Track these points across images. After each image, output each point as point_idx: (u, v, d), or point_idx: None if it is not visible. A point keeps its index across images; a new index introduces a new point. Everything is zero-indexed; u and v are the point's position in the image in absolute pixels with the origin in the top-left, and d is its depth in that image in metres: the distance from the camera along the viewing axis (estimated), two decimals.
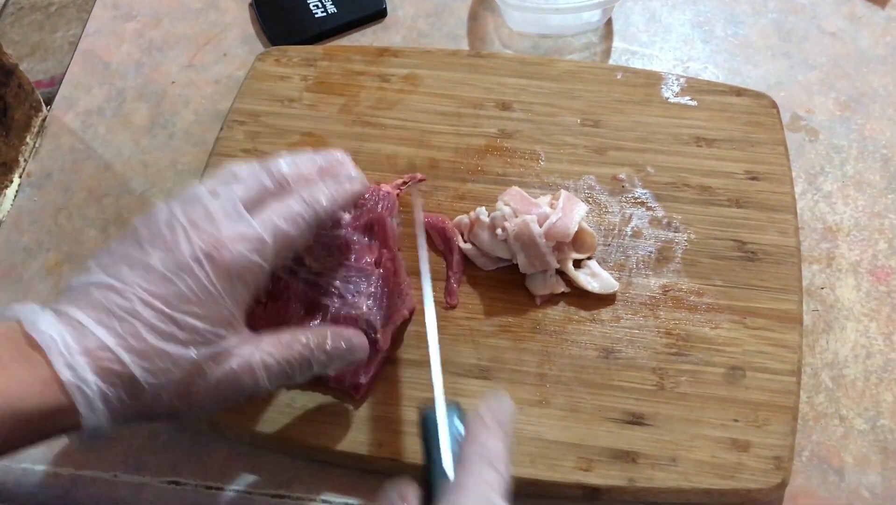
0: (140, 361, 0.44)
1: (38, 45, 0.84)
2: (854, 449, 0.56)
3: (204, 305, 0.46)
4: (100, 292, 0.45)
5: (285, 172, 0.52)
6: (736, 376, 0.56)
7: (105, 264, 0.47)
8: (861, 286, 0.62)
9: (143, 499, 0.57)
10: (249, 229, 0.48)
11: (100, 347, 0.44)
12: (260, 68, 0.72)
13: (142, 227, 0.48)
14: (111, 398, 0.44)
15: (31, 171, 0.72)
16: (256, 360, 0.48)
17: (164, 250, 0.46)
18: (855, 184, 0.67)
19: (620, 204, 0.63)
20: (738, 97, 0.68)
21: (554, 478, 0.53)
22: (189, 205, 0.48)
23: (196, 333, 0.46)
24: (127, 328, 0.44)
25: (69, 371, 0.43)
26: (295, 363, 0.50)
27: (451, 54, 0.72)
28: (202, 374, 0.46)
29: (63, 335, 0.43)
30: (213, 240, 0.47)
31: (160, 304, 0.45)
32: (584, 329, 0.58)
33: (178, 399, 0.46)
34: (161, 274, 0.46)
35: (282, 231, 0.49)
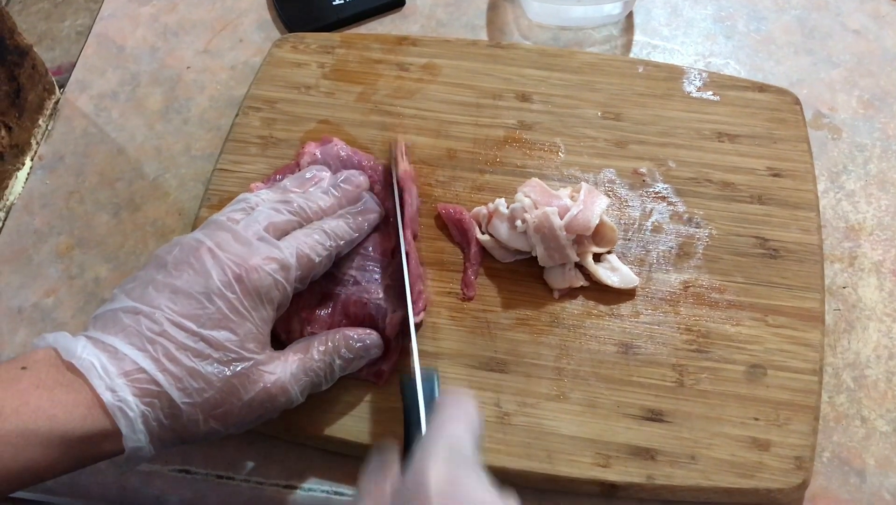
0: (175, 381, 0.45)
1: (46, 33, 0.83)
2: (876, 451, 0.55)
3: (234, 324, 0.47)
4: (129, 317, 0.46)
5: (305, 207, 0.55)
6: (757, 374, 0.55)
7: (130, 290, 0.48)
8: (884, 286, 0.61)
9: (152, 487, 0.56)
10: (276, 252, 0.50)
11: (136, 369, 0.45)
12: (277, 55, 0.71)
13: (165, 254, 0.50)
14: (150, 419, 0.45)
15: (44, 154, 0.72)
16: (287, 375, 0.49)
17: (192, 273, 0.48)
18: (878, 183, 0.66)
19: (641, 198, 0.62)
20: (761, 93, 0.67)
21: (571, 474, 0.52)
22: (213, 231, 0.50)
23: (227, 352, 0.47)
24: (160, 350, 0.45)
25: (110, 393, 0.44)
26: (321, 372, 0.51)
27: (470, 44, 0.71)
28: (236, 392, 0.47)
29: (101, 359, 0.45)
30: (241, 261, 0.48)
31: (190, 324, 0.46)
32: (602, 324, 0.57)
33: (213, 419, 0.47)
34: (189, 295, 0.47)
35: (306, 256, 0.51)
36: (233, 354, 0.47)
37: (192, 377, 0.45)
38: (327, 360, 0.51)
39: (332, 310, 0.56)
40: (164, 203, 0.68)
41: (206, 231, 0.50)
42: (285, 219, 0.53)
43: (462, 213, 0.61)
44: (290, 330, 0.55)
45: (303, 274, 0.51)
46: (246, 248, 0.49)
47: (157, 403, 0.45)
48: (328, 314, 0.55)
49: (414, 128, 0.67)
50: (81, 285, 0.65)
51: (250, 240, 0.50)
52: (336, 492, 0.55)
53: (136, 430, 0.44)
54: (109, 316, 0.47)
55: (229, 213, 0.53)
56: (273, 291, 0.49)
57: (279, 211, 0.53)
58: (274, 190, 0.57)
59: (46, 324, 0.63)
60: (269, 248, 0.50)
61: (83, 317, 0.63)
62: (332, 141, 0.63)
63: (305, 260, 0.51)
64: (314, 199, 0.56)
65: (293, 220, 0.53)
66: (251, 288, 0.48)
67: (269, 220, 0.52)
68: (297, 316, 0.55)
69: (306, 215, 0.54)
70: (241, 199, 0.54)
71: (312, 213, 0.55)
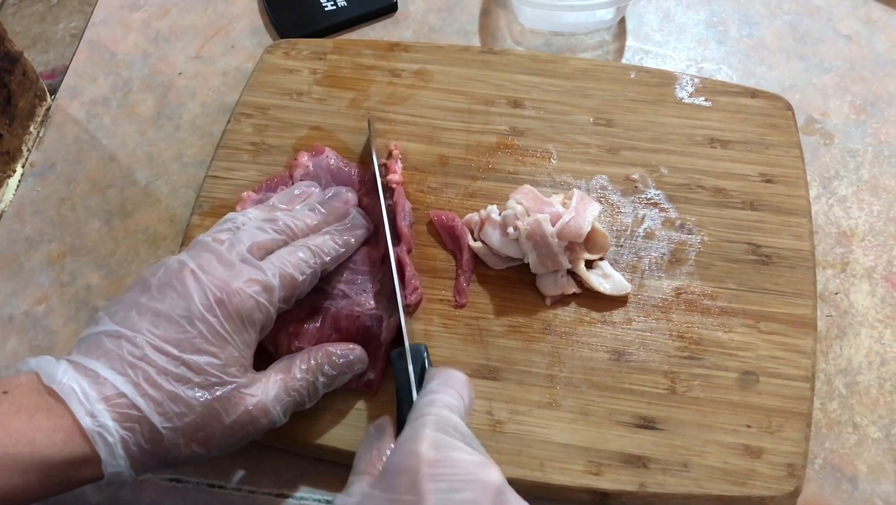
0: (155, 406, 0.45)
1: (40, 36, 0.83)
2: (868, 457, 0.55)
3: (216, 347, 0.47)
4: (111, 341, 0.47)
5: (290, 224, 0.54)
6: (749, 381, 0.55)
7: (114, 313, 0.48)
8: (876, 292, 0.61)
9: (144, 497, 0.56)
10: (258, 274, 0.50)
11: (117, 394, 0.45)
12: (269, 61, 0.71)
13: (150, 276, 0.49)
14: (130, 444, 0.45)
15: (35, 160, 0.71)
16: (270, 397, 0.49)
17: (175, 296, 0.48)
18: (870, 188, 0.66)
19: (633, 204, 0.62)
20: (753, 99, 0.67)
21: (563, 482, 0.52)
22: (197, 252, 0.50)
23: (209, 376, 0.47)
24: (140, 375, 0.45)
25: (90, 419, 0.44)
26: (304, 391, 0.51)
27: (462, 50, 0.71)
28: (218, 416, 0.47)
29: (81, 384, 0.45)
30: (223, 284, 0.48)
31: (171, 348, 0.46)
32: (595, 331, 0.57)
33: (195, 443, 0.47)
34: (171, 319, 0.47)
35: (289, 276, 0.51)
36: (214, 379, 0.47)
37: (172, 402, 0.45)
38: (310, 378, 0.51)
39: (322, 324, 0.56)
40: (155, 210, 0.68)
41: (190, 252, 0.50)
42: (269, 238, 0.53)
43: (454, 220, 0.61)
44: (278, 344, 0.55)
45: (287, 294, 0.51)
46: (228, 271, 0.49)
47: (137, 427, 0.45)
48: (317, 328, 0.55)
49: (406, 134, 0.66)
50: (73, 293, 0.64)
51: (233, 262, 0.50)
52: (328, 501, 0.55)
53: (116, 455, 0.44)
54: (93, 340, 0.47)
55: (215, 233, 0.53)
56: (255, 314, 0.49)
57: (264, 230, 0.53)
58: (261, 208, 0.57)
59: (38, 332, 0.63)
60: (252, 269, 0.50)
61: (75, 325, 0.63)
62: (323, 151, 0.63)
63: (289, 280, 0.51)
64: (301, 216, 0.55)
65: (278, 238, 0.53)
66: (233, 311, 0.48)
67: (253, 239, 0.52)
68: (285, 330, 0.54)
69: (292, 233, 0.54)
70: (227, 220, 0.54)
71: (298, 230, 0.54)
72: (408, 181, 0.64)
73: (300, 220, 0.55)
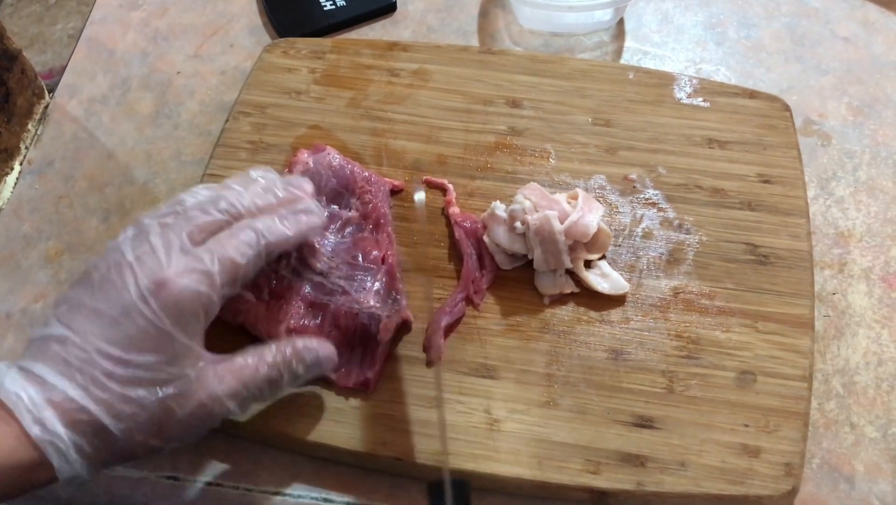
0: (106, 407, 0.44)
1: (37, 37, 0.83)
2: (865, 457, 0.55)
3: (157, 342, 0.46)
4: (58, 345, 0.46)
5: (236, 203, 0.51)
6: (747, 381, 0.55)
7: (61, 314, 0.47)
8: (873, 293, 0.61)
9: (140, 494, 0.56)
10: (195, 262, 0.47)
11: (65, 399, 0.44)
12: (267, 60, 0.71)
13: (94, 271, 0.48)
14: (84, 447, 0.44)
15: (33, 158, 0.71)
16: (224, 389, 0.48)
17: (115, 293, 0.46)
18: (868, 189, 0.66)
19: (631, 204, 0.62)
20: (751, 100, 0.67)
21: (561, 481, 0.52)
22: (136, 241, 0.48)
23: (157, 373, 0.45)
24: (88, 378, 0.44)
25: (38, 427, 0.43)
26: (263, 384, 0.49)
27: (461, 50, 0.71)
28: (171, 411, 0.46)
29: (28, 392, 0.44)
30: (156, 276, 0.46)
31: (115, 349, 0.45)
32: (593, 330, 0.57)
33: (151, 437, 0.46)
34: (111, 318, 0.46)
35: (229, 261, 0.48)
36: (162, 375, 0.45)
37: (123, 402, 0.44)
38: (273, 374, 0.49)
39: (322, 321, 0.56)
40: (153, 208, 0.67)
41: (131, 241, 0.48)
42: (211, 219, 0.49)
43: (477, 223, 0.61)
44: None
45: (228, 279, 0.48)
46: (165, 261, 0.47)
47: (89, 431, 0.44)
48: (317, 325, 0.55)
49: (404, 133, 0.66)
50: None
51: (171, 249, 0.47)
52: (325, 499, 0.55)
53: (70, 459, 0.44)
54: (40, 344, 0.46)
55: (160, 216, 0.50)
56: (194, 305, 0.47)
57: (206, 211, 0.50)
58: (210, 188, 0.53)
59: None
60: (188, 258, 0.47)
61: None
62: (324, 149, 0.63)
63: (229, 264, 0.48)
64: (248, 196, 0.52)
65: (220, 219, 0.50)
66: (170, 305, 0.46)
67: (193, 223, 0.49)
68: (286, 326, 0.54)
69: (236, 212, 0.50)
70: (175, 202, 0.51)
71: (245, 209, 0.51)
72: (407, 180, 0.64)
73: (246, 198, 0.51)
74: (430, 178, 0.64)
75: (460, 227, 0.60)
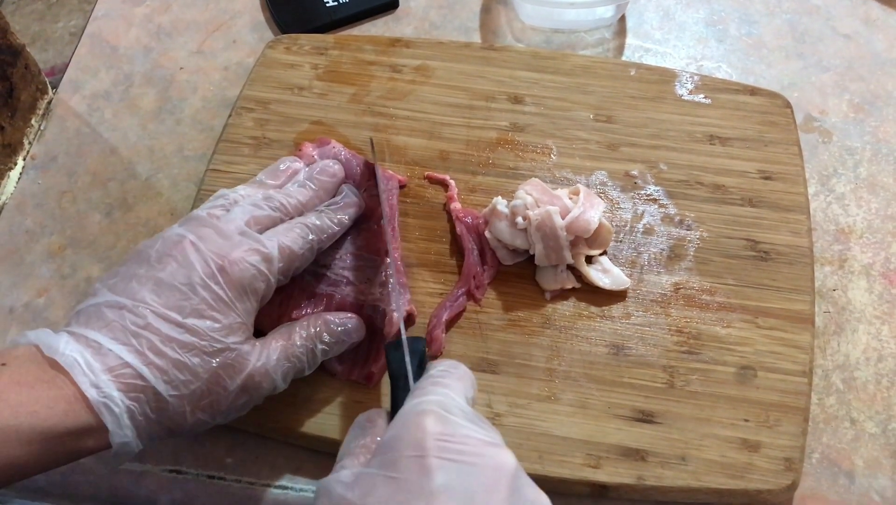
0: (161, 374, 0.45)
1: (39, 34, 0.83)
2: (865, 452, 0.55)
3: (218, 314, 0.47)
4: (112, 312, 0.46)
5: (285, 202, 0.55)
6: (747, 376, 0.55)
7: (113, 285, 0.48)
8: (873, 289, 0.61)
9: (143, 487, 0.56)
10: (258, 245, 0.50)
11: (120, 364, 0.45)
12: (270, 56, 0.71)
13: (148, 248, 0.49)
14: (136, 414, 0.45)
15: (36, 153, 0.71)
16: (271, 363, 0.49)
17: (175, 266, 0.48)
18: (868, 186, 0.66)
19: (633, 200, 0.63)
20: (753, 96, 0.68)
21: (562, 474, 0.52)
22: (195, 226, 0.50)
23: (212, 342, 0.47)
24: (144, 343, 0.45)
25: (95, 390, 0.44)
26: (303, 357, 0.51)
27: (463, 46, 0.71)
28: (222, 382, 0.47)
29: (84, 355, 0.45)
30: (224, 253, 0.49)
31: (174, 314, 0.46)
32: (594, 325, 0.58)
33: (200, 410, 0.47)
34: (173, 287, 0.47)
35: (288, 248, 0.52)
36: (218, 344, 0.47)
37: (177, 369, 0.45)
38: (309, 345, 0.51)
39: (325, 310, 0.56)
40: (156, 203, 0.68)
41: (187, 226, 0.50)
42: (266, 214, 0.53)
43: (479, 218, 0.61)
44: None
45: (285, 266, 0.52)
46: (228, 242, 0.49)
47: (142, 397, 0.45)
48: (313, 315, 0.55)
49: (406, 129, 0.67)
50: (73, 285, 0.64)
51: (232, 234, 0.50)
52: None
53: (123, 425, 0.44)
54: (92, 311, 0.47)
55: (209, 208, 0.53)
56: (256, 282, 0.49)
57: (260, 207, 0.53)
58: (251, 185, 0.57)
59: (38, 323, 0.63)
60: (251, 241, 0.50)
61: None
62: (329, 143, 0.63)
63: (288, 252, 0.52)
64: (293, 194, 0.56)
65: (274, 215, 0.54)
66: (235, 280, 0.48)
67: (250, 214, 0.52)
68: (287, 316, 0.55)
69: (287, 211, 0.55)
70: (219, 196, 0.55)
71: (293, 208, 0.55)
72: (408, 175, 0.64)
73: (293, 196, 0.56)
74: (431, 173, 0.64)
75: (462, 222, 0.61)
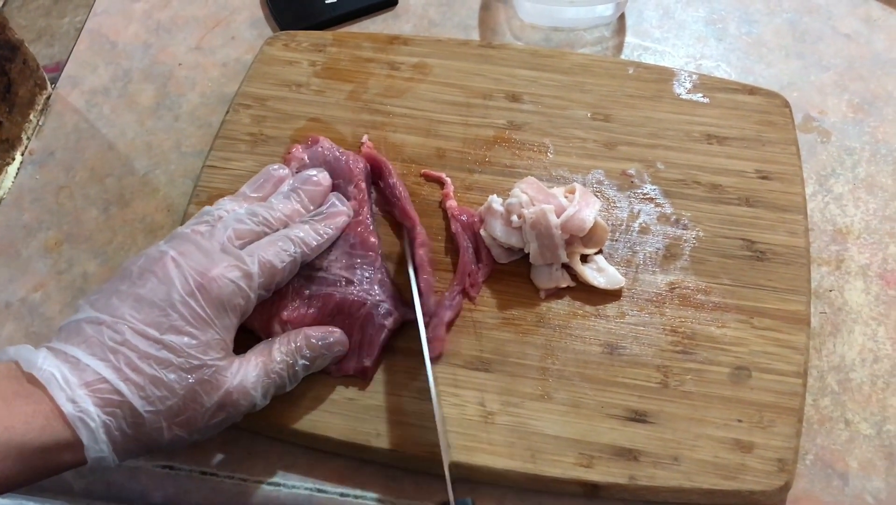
0: (137, 390, 0.46)
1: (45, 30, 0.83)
2: (859, 454, 0.55)
3: (196, 330, 0.48)
4: (91, 328, 0.47)
5: (268, 216, 0.55)
6: (741, 376, 0.55)
7: (94, 301, 0.49)
8: (870, 290, 0.61)
9: (136, 483, 0.56)
10: (238, 261, 0.51)
11: (97, 379, 0.45)
12: (268, 52, 0.71)
13: (131, 265, 0.50)
14: (113, 429, 0.45)
15: (34, 148, 0.72)
16: (250, 380, 0.50)
17: (156, 282, 0.48)
18: (866, 187, 0.66)
19: (629, 199, 0.62)
20: (751, 96, 0.67)
21: (554, 474, 0.52)
22: (177, 242, 0.51)
23: (189, 358, 0.47)
24: (122, 359, 0.46)
25: (71, 404, 0.44)
26: (284, 373, 0.52)
27: (461, 44, 0.71)
28: (199, 398, 0.47)
29: (62, 370, 0.45)
30: (203, 270, 0.49)
31: (152, 330, 0.47)
32: (588, 324, 0.57)
33: (177, 426, 0.47)
34: (152, 303, 0.48)
35: (268, 263, 0.52)
36: (195, 361, 0.47)
37: (154, 385, 0.46)
38: (289, 360, 0.52)
39: (321, 311, 0.56)
40: (153, 199, 0.68)
41: (170, 243, 0.51)
42: (248, 228, 0.54)
43: (474, 217, 0.61)
44: (272, 333, 0.55)
45: (266, 281, 0.52)
46: (208, 258, 0.50)
47: (119, 412, 0.45)
48: (314, 315, 0.55)
49: (403, 127, 0.67)
50: (70, 280, 0.65)
51: (213, 250, 0.51)
52: (319, 489, 0.55)
53: (99, 440, 0.44)
54: (73, 327, 0.47)
55: (193, 225, 0.54)
56: (236, 299, 0.50)
57: (243, 221, 0.54)
58: (236, 199, 0.57)
59: (34, 318, 0.63)
60: (231, 257, 0.51)
61: (71, 312, 0.62)
62: (318, 142, 0.63)
63: (268, 267, 0.52)
64: (277, 207, 0.56)
65: (257, 230, 0.54)
66: (213, 297, 0.49)
67: (232, 230, 0.53)
68: (279, 318, 0.55)
69: (271, 224, 0.55)
70: (204, 213, 0.55)
71: (277, 221, 0.55)
72: (404, 173, 0.64)
73: (276, 210, 0.56)
74: (428, 171, 0.64)
75: (457, 220, 0.61)
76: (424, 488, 0.55)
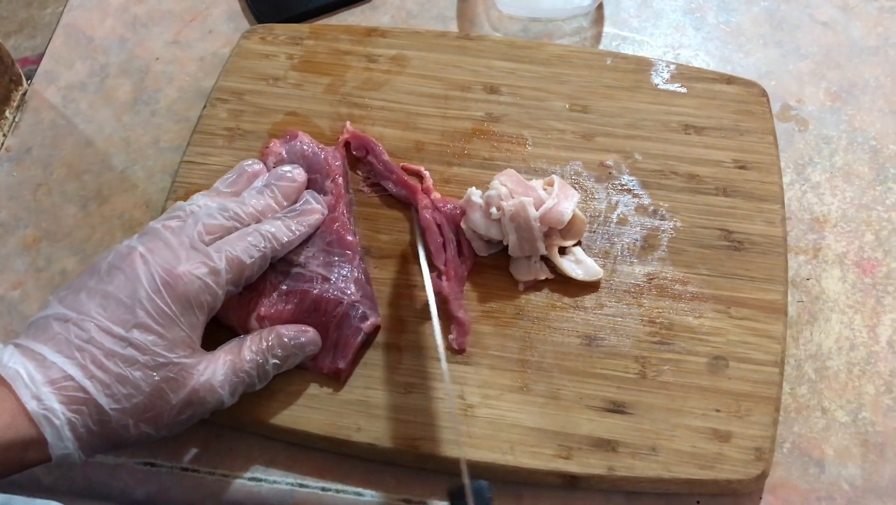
0: (103, 387, 0.46)
1: (27, 21, 0.82)
2: (835, 441, 0.56)
3: (161, 327, 0.48)
4: (58, 324, 0.47)
5: (239, 211, 0.55)
6: (719, 366, 0.55)
7: (63, 297, 0.49)
8: (847, 278, 0.61)
9: (118, 480, 0.56)
10: (205, 258, 0.51)
11: (63, 376, 0.45)
12: (245, 46, 0.71)
13: (101, 261, 0.50)
14: (78, 426, 0.45)
15: (10, 145, 0.71)
16: (217, 378, 0.50)
17: (123, 279, 0.48)
18: (843, 175, 0.66)
19: (607, 191, 0.63)
20: (729, 85, 0.67)
21: (533, 465, 0.53)
22: (147, 238, 0.51)
23: (155, 356, 0.47)
24: (88, 357, 0.46)
25: (35, 402, 0.44)
26: (252, 371, 0.52)
27: (439, 36, 0.71)
28: (165, 396, 0.47)
29: (27, 368, 0.45)
30: (170, 267, 0.49)
31: (118, 328, 0.47)
32: (566, 316, 0.58)
33: (143, 423, 0.47)
34: (119, 301, 0.48)
35: (236, 259, 0.52)
36: (161, 358, 0.47)
37: (120, 383, 0.46)
38: (259, 360, 0.52)
39: (298, 308, 0.56)
40: (131, 195, 0.68)
41: (141, 238, 0.51)
42: (219, 223, 0.53)
43: (457, 208, 0.61)
44: (249, 330, 0.55)
45: (234, 276, 0.52)
46: (175, 255, 0.50)
47: (84, 410, 0.45)
48: (291, 311, 0.55)
49: (381, 120, 0.66)
50: (48, 278, 0.64)
51: (181, 246, 0.50)
52: (300, 484, 0.55)
53: (63, 437, 0.45)
54: (41, 323, 0.47)
55: (164, 220, 0.53)
56: (203, 296, 0.50)
57: (214, 217, 0.53)
58: (208, 194, 0.57)
59: (13, 317, 0.63)
60: (199, 254, 0.51)
61: None
62: (297, 136, 0.63)
63: (236, 262, 0.52)
64: (248, 202, 0.56)
65: (228, 225, 0.54)
66: (179, 293, 0.49)
67: (202, 225, 0.53)
68: (256, 314, 0.55)
69: (242, 220, 0.55)
70: (176, 208, 0.55)
71: (248, 216, 0.55)
72: None
73: (248, 205, 0.55)
74: (407, 164, 0.64)
75: (441, 212, 0.61)
76: (405, 482, 0.55)
